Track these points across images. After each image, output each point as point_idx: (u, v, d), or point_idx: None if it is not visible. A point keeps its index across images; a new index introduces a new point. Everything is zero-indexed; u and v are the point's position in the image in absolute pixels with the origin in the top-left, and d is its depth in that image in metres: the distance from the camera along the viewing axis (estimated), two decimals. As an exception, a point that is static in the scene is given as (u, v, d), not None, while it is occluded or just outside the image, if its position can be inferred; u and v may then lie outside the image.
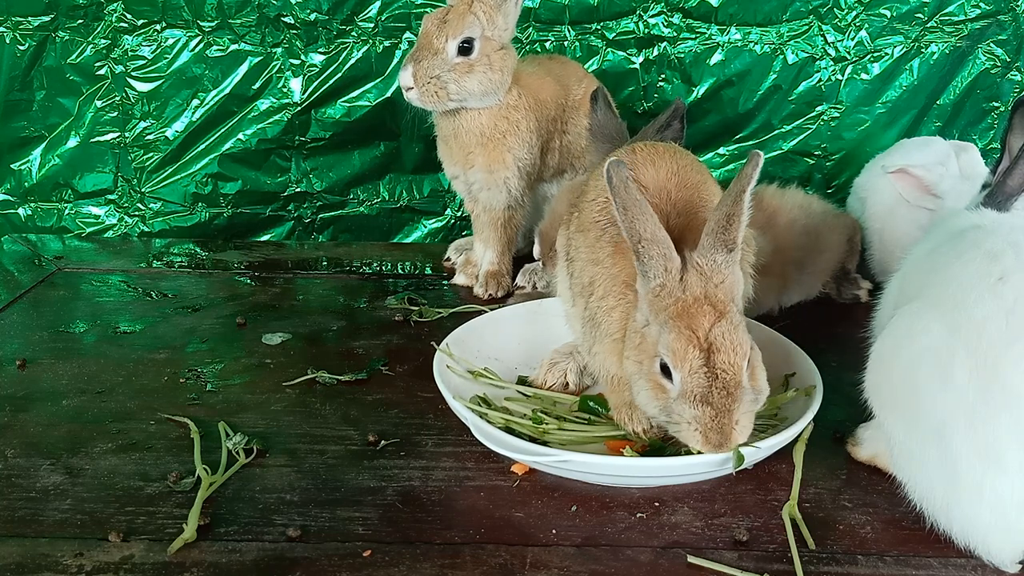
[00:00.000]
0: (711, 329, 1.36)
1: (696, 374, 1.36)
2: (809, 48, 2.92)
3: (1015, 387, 1.23)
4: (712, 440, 1.37)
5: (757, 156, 1.41)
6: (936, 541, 1.37)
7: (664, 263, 1.39)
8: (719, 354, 1.36)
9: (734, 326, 1.37)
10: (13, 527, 1.41)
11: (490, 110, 2.23)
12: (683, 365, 1.36)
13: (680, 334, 1.36)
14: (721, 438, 1.37)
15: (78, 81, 2.90)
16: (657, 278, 1.39)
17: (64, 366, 1.96)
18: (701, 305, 1.37)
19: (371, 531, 1.41)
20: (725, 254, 1.39)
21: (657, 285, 1.40)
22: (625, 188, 1.39)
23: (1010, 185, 1.54)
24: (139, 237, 3.02)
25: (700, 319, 1.36)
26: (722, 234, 1.39)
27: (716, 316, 1.37)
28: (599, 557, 1.35)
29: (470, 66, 2.14)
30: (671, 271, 1.39)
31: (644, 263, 1.40)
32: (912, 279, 1.50)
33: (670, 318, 1.37)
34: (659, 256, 1.39)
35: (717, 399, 1.36)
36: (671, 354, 1.36)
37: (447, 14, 2.14)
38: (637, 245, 1.39)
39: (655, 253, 1.39)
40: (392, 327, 2.19)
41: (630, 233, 1.39)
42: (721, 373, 1.36)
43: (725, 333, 1.36)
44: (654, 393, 1.41)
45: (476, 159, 2.29)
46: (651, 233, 1.39)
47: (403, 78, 2.14)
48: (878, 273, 2.38)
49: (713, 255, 1.40)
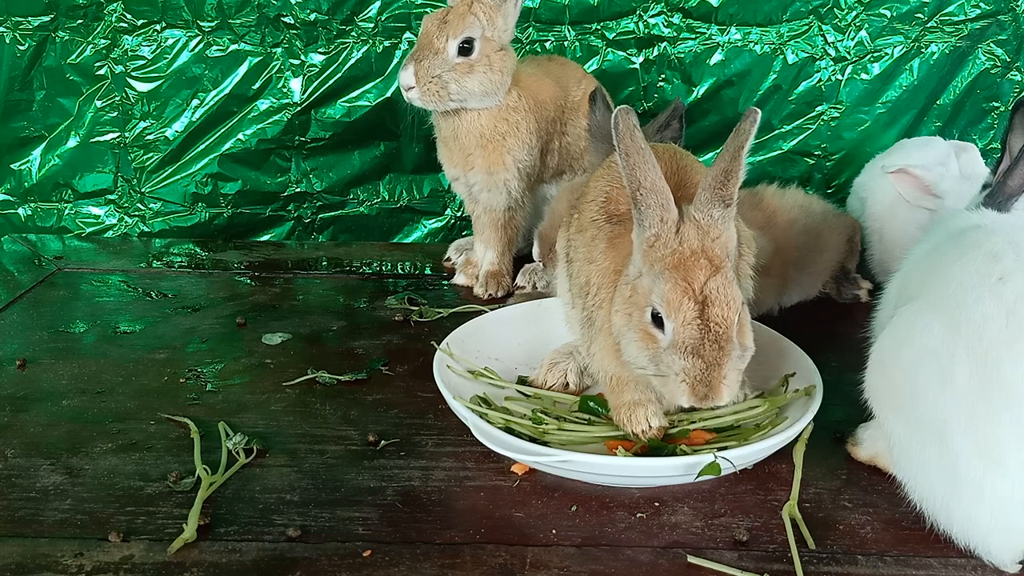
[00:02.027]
0: (706, 282, 1.35)
1: (689, 325, 1.35)
2: (809, 48, 2.92)
3: (1015, 387, 1.23)
4: (699, 392, 1.37)
5: (754, 112, 1.41)
6: (936, 541, 1.37)
7: (661, 213, 1.38)
8: (713, 307, 1.35)
9: (728, 281, 1.37)
10: (13, 527, 1.41)
11: (490, 111, 2.24)
12: (677, 315, 1.35)
13: (676, 284, 1.35)
14: (708, 391, 1.37)
15: (78, 81, 2.90)
16: (653, 227, 1.39)
17: (64, 366, 1.96)
18: (698, 258, 1.37)
19: (371, 531, 1.41)
20: (722, 209, 1.39)
21: (652, 235, 1.39)
22: (630, 135, 1.38)
23: (1010, 185, 1.54)
24: (139, 237, 3.02)
25: (696, 271, 1.36)
26: (719, 189, 1.39)
27: (712, 270, 1.36)
28: (599, 557, 1.35)
29: (470, 66, 2.15)
30: (667, 222, 1.38)
31: (641, 211, 1.39)
32: (912, 279, 1.50)
33: (666, 268, 1.37)
34: (656, 205, 1.38)
35: (708, 352, 1.35)
36: (665, 304, 1.36)
37: (447, 15, 2.15)
38: (636, 192, 1.39)
39: (652, 202, 1.38)
40: (392, 327, 2.19)
41: (630, 180, 1.39)
42: (714, 326, 1.35)
43: (720, 287, 1.36)
44: (644, 343, 1.41)
45: (476, 160, 2.29)
46: (651, 182, 1.38)
47: (404, 77, 2.14)
48: (878, 273, 2.38)
49: (710, 210, 1.39)
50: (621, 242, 1.52)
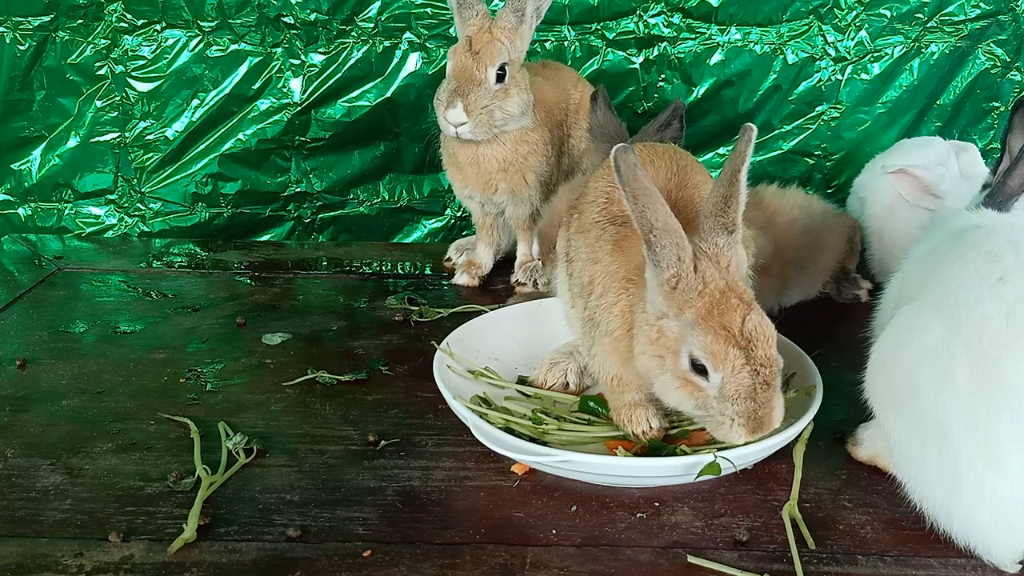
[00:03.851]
0: (743, 323, 1.34)
1: (740, 373, 1.34)
2: (809, 48, 2.92)
3: (1015, 387, 1.23)
4: (754, 428, 1.37)
5: (749, 130, 1.39)
6: (936, 541, 1.37)
7: (677, 252, 1.36)
8: (757, 349, 1.34)
9: (762, 315, 1.37)
10: (13, 527, 1.41)
11: (511, 135, 2.26)
12: (724, 366, 1.34)
13: (717, 335, 1.34)
14: (760, 426, 1.37)
15: (78, 81, 2.90)
16: (671, 268, 1.36)
17: (64, 366, 1.96)
18: (728, 298, 1.35)
19: (371, 531, 1.41)
20: (726, 236, 1.38)
21: (672, 276, 1.37)
22: (633, 176, 1.35)
23: (1010, 185, 1.54)
24: (139, 237, 3.02)
25: (731, 315, 1.35)
26: (720, 216, 1.38)
27: (745, 308, 1.35)
28: (599, 557, 1.35)
29: (506, 91, 2.18)
30: (684, 260, 1.36)
31: (656, 252, 1.37)
32: (912, 279, 1.50)
33: (699, 317, 1.35)
34: (672, 245, 1.36)
35: (760, 394, 1.35)
36: (710, 356, 1.34)
37: (472, 45, 2.14)
38: (648, 235, 1.36)
39: (668, 242, 1.36)
40: (392, 327, 2.19)
41: (641, 223, 1.36)
42: (761, 369, 1.35)
43: (758, 326, 1.35)
44: (687, 391, 1.39)
45: (499, 184, 2.33)
46: (662, 222, 1.35)
47: (454, 116, 2.13)
48: (878, 273, 2.38)
49: (714, 238, 1.38)
50: (627, 244, 1.51)
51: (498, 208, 2.43)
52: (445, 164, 2.40)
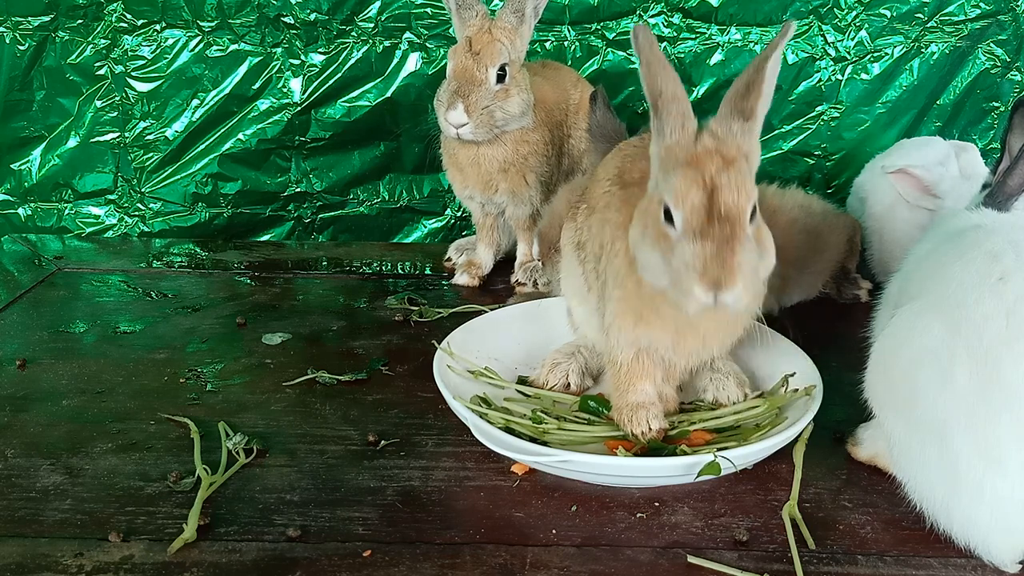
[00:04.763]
0: (717, 173, 1.32)
1: (697, 211, 1.31)
2: (809, 48, 2.92)
3: (1015, 387, 1.23)
4: (710, 275, 1.28)
5: (788, 26, 1.41)
6: (936, 541, 1.37)
7: (682, 121, 1.37)
8: (722, 192, 1.31)
9: (741, 173, 1.33)
10: (13, 527, 1.41)
11: (512, 135, 2.26)
12: (684, 203, 1.31)
13: (685, 176, 1.32)
14: (720, 273, 1.28)
15: (78, 81, 2.90)
16: (673, 135, 1.37)
17: (64, 366, 1.96)
18: (711, 155, 1.34)
19: (371, 531, 1.41)
20: (741, 122, 1.38)
21: (672, 142, 1.37)
22: (650, 47, 1.38)
23: (1010, 185, 1.54)
24: (139, 237, 3.02)
25: (707, 164, 1.33)
26: (739, 101, 1.38)
27: (724, 163, 1.33)
28: (599, 557, 1.35)
29: (507, 91, 2.18)
30: (687, 129, 1.37)
31: (662, 120, 1.38)
32: (912, 279, 1.50)
33: (678, 166, 1.35)
34: (677, 114, 1.37)
35: (718, 232, 1.30)
36: (673, 195, 1.32)
37: (472, 46, 2.14)
38: (657, 100, 1.37)
39: (674, 110, 1.37)
40: (392, 327, 2.19)
41: (651, 89, 1.38)
42: (724, 209, 1.31)
43: (731, 176, 1.32)
44: (656, 243, 1.36)
45: (499, 185, 2.33)
46: (672, 91, 1.37)
47: (454, 117, 2.12)
48: (878, 273, 2.38)
49: (729, 123, 1.38)
50: (636, 200, 1.49)
51: (498, 208, 2.43)
52: (445, 164, 2.40)
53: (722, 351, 1.63)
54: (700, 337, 1.52)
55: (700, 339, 1.52)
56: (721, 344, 1.58)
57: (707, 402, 1.71)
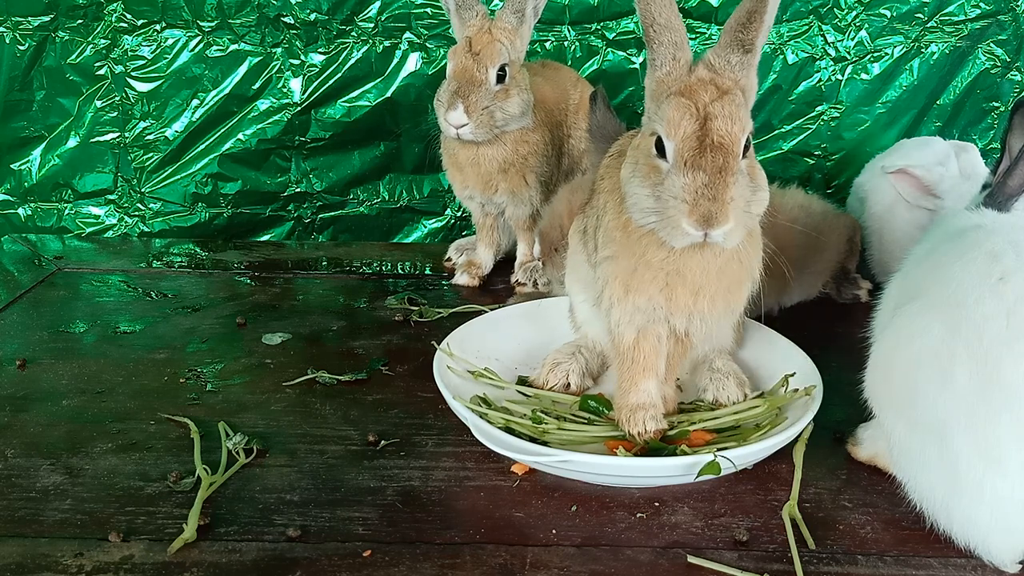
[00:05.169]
0: (711, 103, 1.30)
1: (688, 139, 1.28)
2: (809, 48, 2.92)
3: (1015, 387, 1.23)
4: (700, 208, 1.26)
5: None
6: (936, 541, 1.37)
7: (674, 51, 1.34)
8: (715, 121, 1.29)
9: (734, 102, 1.31)
10: (13, 527, 1.41)
11: (512, 135, 2.26)
12: (676, 132, 1.29)
13: (678, 104, 1.30)
14: (711, 207, 1.25)
15: (78, 81, 2.90)
16: (665, 66, 1.34)
17: (64, 366, 1.96)
18: (705, 85, 1.31)
19: (371, 531, 1.41)
20: (741, 55, 1.35)
21: (664, 73, 1.34)
22: None
23: (1010, 185, 1.54)
24: (139, 237, 3.02)
25: (701, 94, 1.30)
26: (740, 32, 1.35)
27: (718, 93, 1.30)
28: (599, 557, 1.35)
29: (507, 91, 2.18)
30: (680, 60, 1.34)
31: (654, 50, 1.34)
32: (912, 279, 1.50)
33: (671, 94, 1.31)
34: (670, 44, 1.33)
35: (709, 163, 1.27)
36: (665, 124, 1.30)
37: (471, 46, 2.14)
38: (649, 29, 1.34)
39: (667, 39, 1.33)
40: (392, 327, 2.19)
41: (644, 16, 1.34)
42: (716, 138, 1.28)
43: (724, 106, 1.29)
44: (647, 177, 1.33)
45: (499, 185, 2.34)
46: (666, 19, 1.33)
47: (454, 118, 2.12)
48: (878, 273, 2.38)
49: (727, 54, 1.35)
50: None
51: (498, 208, 2.43)
52: (445, 164, 2.40)
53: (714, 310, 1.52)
54: (691, 290, 1.46)
55: (692, 293, 1.46)
56: (712, 300, 1.49)
57: (707, 402, 1.71)
